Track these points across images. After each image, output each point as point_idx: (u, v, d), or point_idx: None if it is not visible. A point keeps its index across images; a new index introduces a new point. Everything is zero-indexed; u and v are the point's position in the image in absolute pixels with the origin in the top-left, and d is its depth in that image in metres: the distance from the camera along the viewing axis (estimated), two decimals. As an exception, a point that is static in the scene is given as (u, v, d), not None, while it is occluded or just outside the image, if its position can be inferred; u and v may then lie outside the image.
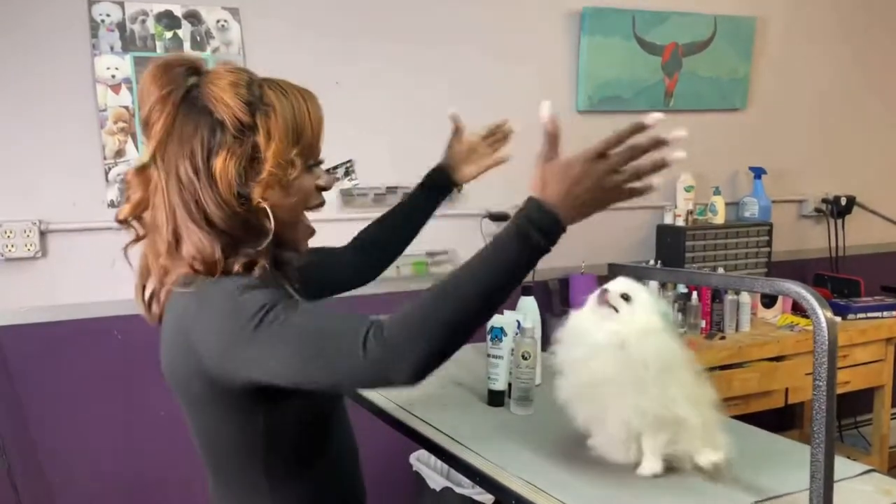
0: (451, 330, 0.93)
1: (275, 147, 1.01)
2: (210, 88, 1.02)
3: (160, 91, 1.01)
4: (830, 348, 1.01)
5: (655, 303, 1.31)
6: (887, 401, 3.04)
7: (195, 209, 1.01)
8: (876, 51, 3.52)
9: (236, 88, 1.02)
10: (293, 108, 1.04)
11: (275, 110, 1.02)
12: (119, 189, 2.33)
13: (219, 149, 1.00)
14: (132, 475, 2.41)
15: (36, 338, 2.28)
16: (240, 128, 1.01)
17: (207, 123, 1.01)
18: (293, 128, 1.03)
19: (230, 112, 1.00)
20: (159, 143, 1.02)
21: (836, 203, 3.39)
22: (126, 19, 2.30)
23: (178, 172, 1.01)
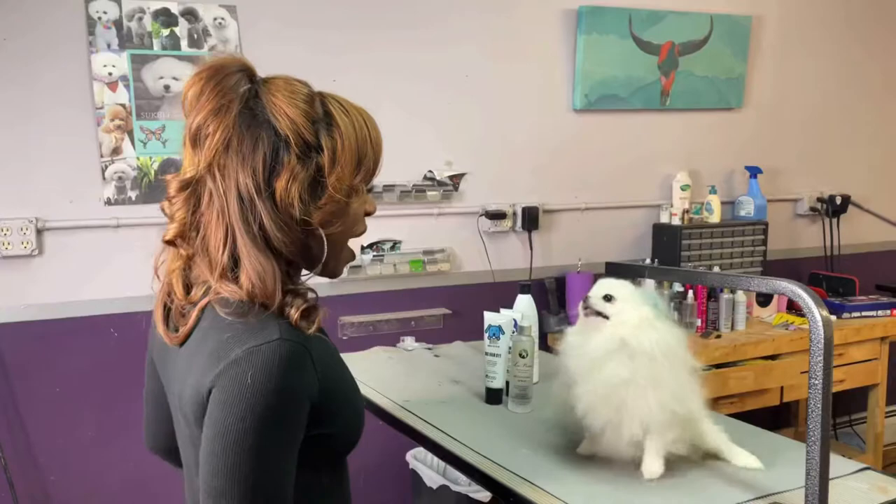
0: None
1: (339, 171, 0.94)
2: (272, 100, 0.93)
3: (218, 100, 0.91)
4: (826, 347, 1.02)
5: (641, 294, 1.31)
6: (882, 399, 3.06)
7: (257, 232, 0.91)
8: (871, 50, 3.54)
9: (298, 102, 0.93)
10: (356, 130, 0.96)
11: (340, 131, 0.94)
12: (116, 187, 2.33)
13: (282, 169, 0.91)
14: (129, 473, 2.41)
15: (32, 335, 2.28)
16: (304, 147, 0.92)
17: (270, 139, 0.92)
18: (357, 151, 0.96)
19: (295, 129, 0.92)
20: (216, 158, 0.91)
21: (832, 202, 3.41)
22: (123, 16, 2.30)
23: (239, 191, 0.91)
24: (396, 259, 2.68)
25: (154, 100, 2.35)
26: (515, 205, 2.86)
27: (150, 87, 2.34)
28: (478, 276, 2.81)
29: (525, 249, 2.88)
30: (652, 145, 3.10)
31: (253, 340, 0.87)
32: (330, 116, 0.95)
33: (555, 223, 2.95)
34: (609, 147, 3.01)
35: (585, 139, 2.97)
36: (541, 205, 2.88)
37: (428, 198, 2.72)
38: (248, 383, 0.85)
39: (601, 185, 3.02)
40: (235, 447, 0.85)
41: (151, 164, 2.36)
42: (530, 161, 2.88)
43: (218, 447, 0.86)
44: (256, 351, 0.87)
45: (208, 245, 0.93)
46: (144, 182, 2.36)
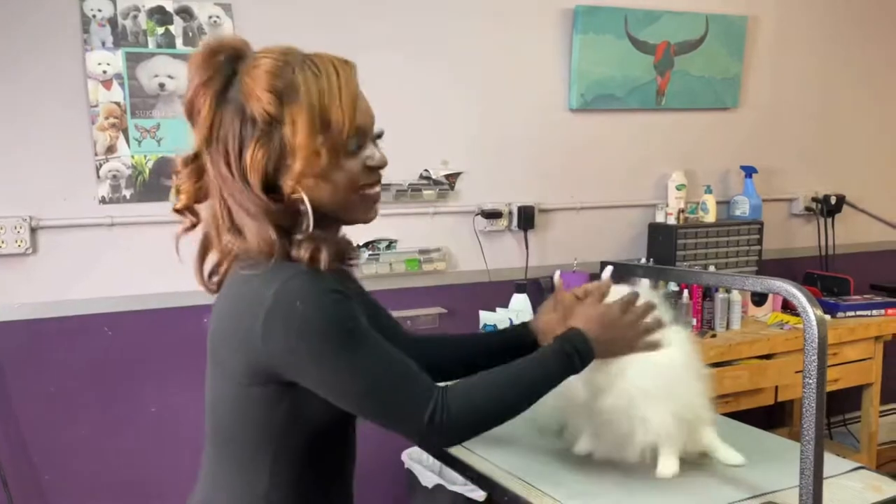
0: (498, 421, 1.09)
1: (300, 138, 0.99)
2: (245, 80, 1.01)
3: (201, 78, 1.01)
4: (820, 346, 1.02)
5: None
6: (876, 398, 3.06)
7: (241, 202, 1.02)
8: (866, 50, 3.54)
9: (270, 78, 0.99)
10: (321, 91, 1.00)
11: (299, 96, 1.00)
12: (110, 185, 2.32)
13: (249, 143, 1.00)
14: (123, 472, 2.40)
15: (26, 334, 2.27)
16: (268, 121, 1.00)
17: (239, 118, 1.01)
18: (320, 113, 1.00)
19: (259, 106, 0.99)
20: (205, 135, 1.03)
21: (826, 202, 3.41)
22: (118, 14, 2.29)
23: (220, 167, 1.02)
24: (392, 258, 2.67)
25: (149, 98, 2.34)
26: (511, 204, 2.85)
27: (144, 85, 2.33)
28: (473, 276, 2.81)
29: (521, 249, 2.88)
30: (648, 145, 3.10)
31: (275, 284, 0.98)
32: (296, 84, 1.00)
33: (550, 222, 2.95)
34: (605, 147, 3.01)
35: (581, 139, 2.97)
36: (536, 204, 2.88)
37: (424, 197, 2.71)
38: (298, 317, 0.96)
39: (597, 185, 3.02)
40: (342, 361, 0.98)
41: (146, 162, 2.35)
42: (526, 160, 2.88)
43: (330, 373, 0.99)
44: (283, 289, 0.98)
45: (215, 213, 1.06)
46: (139, 181, 2.35)
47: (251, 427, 1.07)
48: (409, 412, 1.01)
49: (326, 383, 1.00)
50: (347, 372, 0.99)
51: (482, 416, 1.07)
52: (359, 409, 1.03)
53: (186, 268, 2.66)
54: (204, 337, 1.21)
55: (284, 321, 0.97)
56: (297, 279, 0.99)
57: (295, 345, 0.98)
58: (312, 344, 0.97)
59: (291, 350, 0.98)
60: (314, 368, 0.99)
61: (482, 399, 1.07)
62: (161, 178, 2.37)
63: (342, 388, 1.01)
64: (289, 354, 0.99)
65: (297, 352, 0.98)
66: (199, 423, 2.65)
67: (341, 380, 1.00)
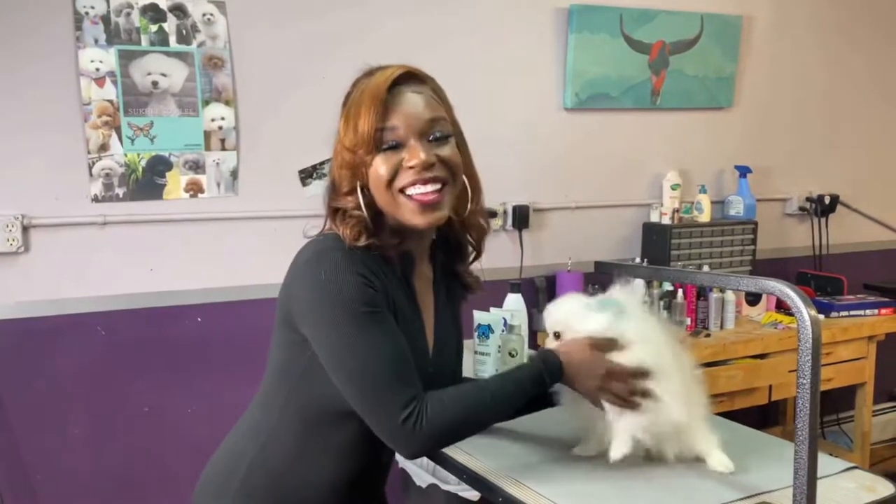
0: (468, 435, 1.17)
1: (340, 135, 1.16)
2: None
3: None
4: (814, 346, 1.02)
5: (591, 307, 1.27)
6: (869, 398, 3.07)
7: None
8: (861, 50, 3.55)
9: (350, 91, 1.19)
10: (357, 94, 1.17)
11: (347, 102, 1.19)
12: (103, 184, 2.31)
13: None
14: (115, 472, 2.39)
15: (18, 333, 2.26)
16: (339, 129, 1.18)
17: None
18: (352, 117, 1.15)
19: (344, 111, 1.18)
20: None
21: (820, 202, 3.42)
22: (111, 12, 2.28)
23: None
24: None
25: (142, 96, 2.33)
26: (506, 203, 2.85)
27: (138, 83, 2.32)
28: (468, 275, 2.80)
29: (515, 248, 2.88)
30: (642, 144, 3.10)
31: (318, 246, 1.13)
32: (351, 92, 1.19)
33: (545, 222, 2.95)
34: (600, 146, 3.01)
35: (576, 138, 2.97)
36: (531, 203, 2.88)
37: (418, 196, 2.70)
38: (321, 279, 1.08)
39: (592, 184, 3.02)
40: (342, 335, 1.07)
41: (139, 160, 2.34)
42: (521, 160, 2.88)
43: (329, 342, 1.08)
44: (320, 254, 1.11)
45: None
46: (132, 179, 2.34)
47: (277, 366, 1.19)
48: (387, 408, 1.07)
49: (324, 349, 1.09)
50: (342, 347, 1.07)
51: (455, 431, 1.14)
52: (342, 386, 1.10)
53: (179, 267, 2.64)
54: (198, 336, 1.23)
55: (310, 280, 1.09)
56: (335, 251, 1.11)
57: (310, 304, 1.09)
58: (324, 310, 1.08)
59: (306, 305, 1.10)
60: (316, 328, 1.09)
61: (460, 414, 1.12)
62: (154, 176, 2.36)
63: (334, 360, 1.09)
64: (303, 307, 1.11)
65: (307, 308, 1.10)
66: (192, 422, 2.66)
67: (335, 353, 1.08)
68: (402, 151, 1.14)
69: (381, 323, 1.09)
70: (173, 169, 2.38)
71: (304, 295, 1.10)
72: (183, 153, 2.39)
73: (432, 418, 1.07)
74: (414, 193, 1.13)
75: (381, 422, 1.08)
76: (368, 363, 1.07)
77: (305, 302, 1.10)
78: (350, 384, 1.09)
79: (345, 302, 1.07)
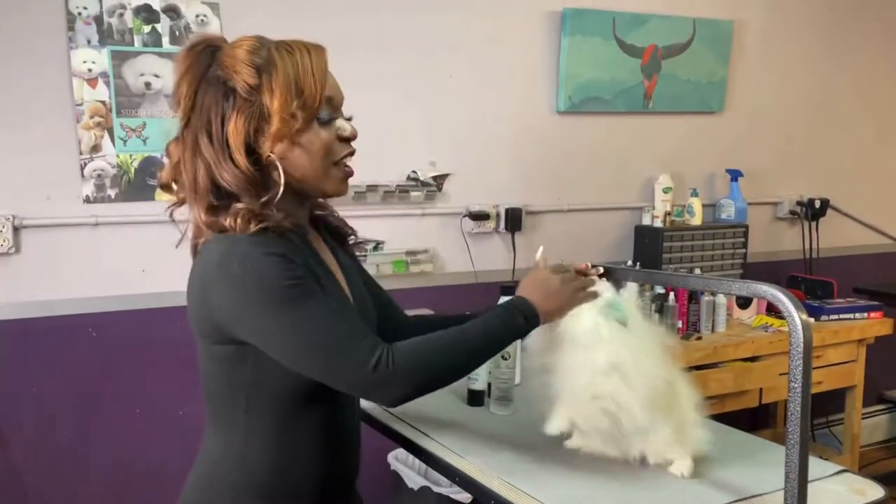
0: (444, 375, 1.13)
1: (277, 102, 1.09)
2: (225, 59, 1.12)
3: (183, 69, 1.12)
4: (806, 350, 1.03)
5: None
6: (858, 401, 3.09)
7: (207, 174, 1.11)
8: (851, 54, 3.58)
9: (248, 55, 1.11)
10: (295, 65, 1.11)
11: (276, 68, 1.10)
12: (95, 185, 2.30)
13: (231, 112, 1.10)
14: (107, 473, 2.38)
15: (8, 334, 2.25)
16: (248, 90, 1.10)
17: (222, 92, 1.11)
18: (294, 82, 1.10)
19: (240, 78, 1.10)
20: (184, 116, 1.12)
21: (811, 205, 3.44)
22: (104, 12, 2.27)
23: (198, 140, 1.11)
24: (379, 259, 2.67)
25: (135, 97, 2.32)
26: (499, 206, 2.86)
27: (130, 83, 2.31)
28: (461, 277, 2.81)
29: (508, 250, 2.89)
30: (634, 148, 3.11)
31: (223, 246, 1.08)
32: (272, 60, 1.11)
33: (538, 224, 2.96)
34: (592, 149, 3.02)
35: (569, 141, 2.98)
36: (524, 206, 2.89)
37: (411, 198, 2.71)
38: (238, 274, 1.05)
39: (584, 187, 3.03)
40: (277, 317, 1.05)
41: (132, 161, 2.33)
42: (514, 162, 2.88)
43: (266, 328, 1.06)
44: (228, 251, 1.07)
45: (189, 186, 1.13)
46: (124, 180, 2.33)
47: (224, 386, 1.15)
48: (351, 362, 1.05)
49: (264, 338, 1.07)
50: (281, 327, 1.05)
51: (428, 373, 1.10)
52: (295, 364, 1.08)
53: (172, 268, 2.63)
54: (189, 338, 1.21)
55: (226, 279, 1.06)
56: (241, 242, 1.07)
57: (233, 301, 1.06)
58: (250, 300, 1.05)
59: (232, 307, 1.07)
60: (253, 323, 1.06)
61: (429, 355, 1.10)
62: (146, 177, 2.36)
63: (277, 343, 1.07)
64: (230, 311, 1.07)
65: (236, 308, 1.06)
66: (184, 423, 2.65)
67: (276, 336, 1.06)
68: (334, 124, 1.16)
69: (312, 292, 1.07)
70: (166, 170, 2.37)
71: (227, 298, 1.07)
72: (175, 154, 2.38)
73: (401, 360, 1.06)
74: (347, 164, 1.18)
75: (352, 379, 1.07)
76: (314, 334, 1.05)
77: (231, 304, 1.07)
78: (301, 360, 1.07)
79: (270, 286, 1.04)
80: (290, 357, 1.07)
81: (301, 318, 1.05)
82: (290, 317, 1.05)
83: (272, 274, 1.05)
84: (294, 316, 1.05)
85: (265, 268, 1.05)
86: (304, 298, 1.06)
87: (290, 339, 1.06)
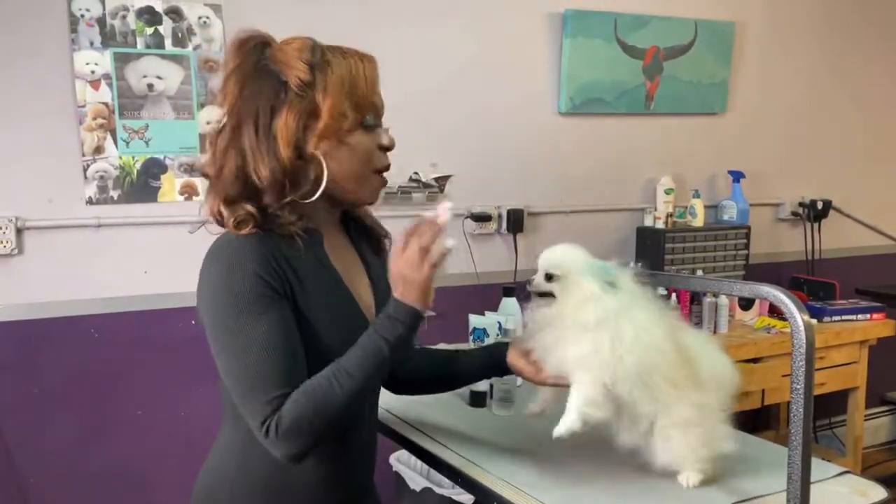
0: (334, 422, 1.09)
1: (330, 101, 1.10)
2: (277, 55, 1.13)
3: (234, 62, 1.13)
4: (808, 351, 1.03)
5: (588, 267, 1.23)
6: (861, 402, 3.09)
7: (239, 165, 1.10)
8: (853, 56, 3.57)
9: (300, 52, 1.12)
10: (349, 67, 1.13)
11: (332, 68, 1.12)
12: (97, 186, 2.30)
13: (281, 107, 1.10)
14: (109, 474, 2.38)
15: (11, 335, 2.25)
16: (301, 86, 1.10)
17: (273, 85, 1.11)
18: (348, 82, 1.12)
19: (293, 73, 1.10)
20: (231, 107, 1.12)
21: (813, 207, 3.44)
22: (106, 14, 2.28)
23: (241, 130, 1.11)
24: (381, 261, 2.67)
25: (137, 98, 2.32)
26: (500, 207, 2.86)
27: (133, 85, 2.32)
28: (462, 278, 2.81)
29: (510, 252, 2.89)
30: (636, 149, 3.11)
31: (216, 243, 1.11)
32: (327, 60, 1.12)
33: (539, 226, 2.96)
34: (594, 150, 3.02)
35: (570, 142, 2.98)
36: (525, 207, 2.89)
37: (413, 199, 2.71)
38: (213, 274, 1.08)
39: (586, 189, 3.03)
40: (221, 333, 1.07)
41: (134, 163, 2.34)
42: (515, 164, 2.88)
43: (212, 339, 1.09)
44: (212, 249, 1.10)
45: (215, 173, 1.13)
46: (126, 182, 2.33)
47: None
48: (251, 411, 1.07)
49: (212, 344, 1.10)
50: (221, 345, 1.08)
51: (315, 431, 1.06)
52: (225, 380, 1.10)
53: (173, 269, 2.63)
54: (191, 339, 1.22)
55: (205, 278, 1.10)
56: (229, 246, 1.09)
57: (201, 297, 1.10)
58: (210, 306, 1.08)
59: (200, 301, 1.11)
60: (209, 327, 1.10)
61: (312, 415, 1.06)
62: (149, 179, 2.36)
63: (215, 354, 1.10)
64: (199, 304, 1.11)
65: (202, 306, 1.10)
66: (185, 425, 2.65)
67: (215, 348, 1.09)
68: (377, 132, 1.17)
69: (260, 322, 1.06)
70: (168, 172, 2.38)
71: (201, 292, 1.11)
72: (178, 156, 2.39)
73: (284, 416, 1.05)
74: (382, 173, 1.19)
75: (253, 426, 1.07)
76: (236, 367, 1.07)
77: (202, 301, 1.10)
78: (231, 386, 1.08)
79: (233, 298, 1.06)
80: (220, 368, 1.10)
81: (236, 346, 1.06)
82: (231, 334, 1.06)
83: (239, 287, 1.06)
84: (234, 335, 1.06)
85: (235, 281, 1.06)
86: (251, 327, 1.06)
87: (219, 360, 1.09)
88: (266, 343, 1.06)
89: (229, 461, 1.18)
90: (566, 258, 1.26)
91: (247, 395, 1.06)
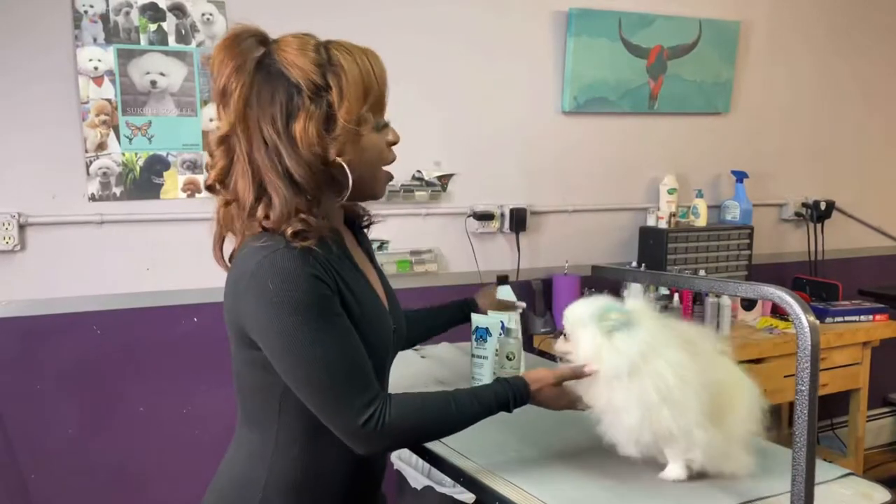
0: (425, 440, 1.19)
1: (347, 105, 1.08)
2: (282, 55, 1.09)
3: (234, 62, 1.08)
4: (813, 353, 1.02)
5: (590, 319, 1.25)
6: (863, 403, 3.08)
7: (280, 168, 1.07)
8: (857, 56, 3.56)
9: (306, 52, 1.08)
10: (359, 67, 1.10)
11: (343, 70, 1.09)
12: (100, 183, 2.30)
13: (297, 112, 1.07)
14: (110, 471, 2.38)
15: (13, 332, 2.25)
16: (314, 89, 1.07)
17: (284, 88, 1.07)
18: (363, 83, 1.10)
19: (304, 75, 1.07)
20: (239, 112, 1.08)
21: (816, 207, 3.43)
22: (110, 10, 2.27)
23: (263, 135, 1.07)
24: (383, 259, 2.67)
25: (140, 95, 2.32)
26: (503, 206, 2.85)
27: (136, 82, 2.32)
28: (465, 277, 2.81)
29: (512, 251, 2.88)
30: (640, 148, 3.11)
31: (262, 253, 1.05)
32: (334, 59, 1.09)
33: (542, 225, 2.95)
34: (597, 150, 3.02)
35: (574, 141, 2.97)
36: (528, 206, 2.89)
37: (416, 198, 2.71)
38: (270, 289, 1.03)
39: (589, 188, 3.03)
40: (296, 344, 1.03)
41: (137, 160, 2.34)
42: (519, 162, 2.88)
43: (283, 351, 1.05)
44: (265, 261, 1.04)
45: (238, 188, 1.09)
46: (129, 178, 2.33)
47: (258, 389, 1.14)
48: (345, 411, 1.06)
49: (277, 361, 1.07)
50: (294, 358, 1.05)
51: (409, 440, 1.15)
52: (297, 392, 1.08)
53: (176, 266, 2.63)
54: (194, 336, 1.22)
55: (258, 293, 1.04)
56: (279, 256, 1.04)
57: (260, 315, 1.05)
58: (272, 323, 1.04)
59: (257, 319, 1.06)
60: (271, 344, 1.06)
61: (418, 423, 1.13)
62: (151, 175, 2.36)
63: (285, 369, 1.07)
64: (255, 323, 1.06)
65: (261, 323, 1.05)
66: (187, 422, 2.65)
67: (286, 363, 1.06)
68: (386, 128, 1.17)
69: (335, 326, 1.06)
70: (171, 169, 2.38)
71: (255, 311, 1.05)
72: (181, 153, 2.39)
73: (392, 421, 1.08)
74: (390, 168, 1.20)
75: (341, 426, 1.08)
76: (325, 374, 1.05)
77: (256, 317, 1.06)
78: (310, 396, 1.08)
79: (296, 310, 1.03)
80: (293, 385, 1.08)
81: (313, 356, 1.05)
82: (304, 351, 1.04)
83: (301, 298, 1.03)
84: (308, 351, 1.04)
85: (297, 293, 1.03)
86: (323, 332, 1.05)
87: (297, 371, 1.06)
88: (346, 346, 1.07)
89: (259, 466, 1.16)
90: (570, 315, 1.29)
91: (342, 398, 1.06)
